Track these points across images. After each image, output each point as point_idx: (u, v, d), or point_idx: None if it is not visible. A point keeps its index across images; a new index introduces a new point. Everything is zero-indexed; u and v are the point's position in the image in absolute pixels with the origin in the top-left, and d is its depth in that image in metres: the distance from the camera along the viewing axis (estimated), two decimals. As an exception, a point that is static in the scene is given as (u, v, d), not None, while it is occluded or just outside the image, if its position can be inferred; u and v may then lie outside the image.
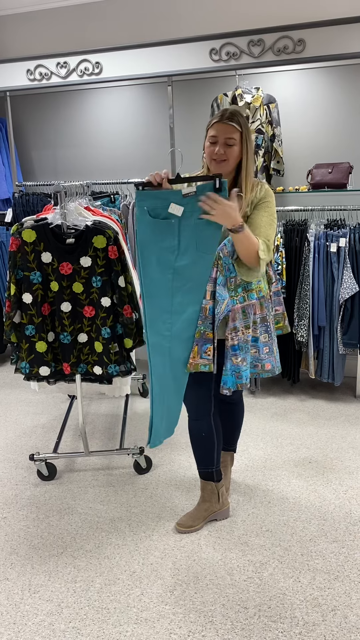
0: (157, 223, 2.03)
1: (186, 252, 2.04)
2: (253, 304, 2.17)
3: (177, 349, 2.12)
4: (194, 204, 1.98)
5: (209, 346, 2.14)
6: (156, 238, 2.04)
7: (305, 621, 1.87)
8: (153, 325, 2.12)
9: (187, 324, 2.09)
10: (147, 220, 2.03)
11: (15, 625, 1.90)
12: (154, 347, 2.13)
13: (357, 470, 2.78)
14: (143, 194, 2.01)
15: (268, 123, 3.56)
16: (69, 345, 2.57)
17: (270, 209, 2.13)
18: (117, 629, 1.87)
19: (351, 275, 3.36)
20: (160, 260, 2.06)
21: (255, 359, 2.24)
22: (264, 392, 3.79)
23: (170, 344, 2.12)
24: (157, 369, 2.15)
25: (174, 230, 2.03)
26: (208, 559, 2.19)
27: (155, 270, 2.07)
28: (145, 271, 2.08)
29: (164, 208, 2.00)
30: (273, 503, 2.53)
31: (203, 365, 2.14)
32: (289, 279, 3.57)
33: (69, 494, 2.67)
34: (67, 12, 4.12)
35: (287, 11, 3.58)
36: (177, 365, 2.15)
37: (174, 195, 1.99)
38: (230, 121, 2.03)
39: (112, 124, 4.30)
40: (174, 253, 2.05)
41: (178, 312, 2.09)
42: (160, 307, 2.10)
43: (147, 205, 2.01)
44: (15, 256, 2.49)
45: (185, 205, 1.99)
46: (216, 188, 1.94)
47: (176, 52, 3.53)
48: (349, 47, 3.21)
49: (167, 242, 2.04)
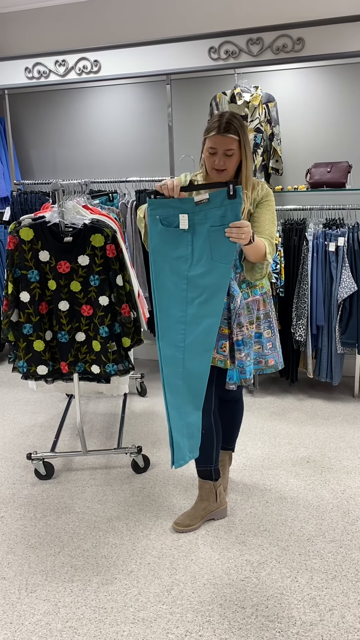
0: (170, 232, 1.97)
1: (200, 261, 1.97)
2: (257, 300, 2.22)
3: (193, 361, 2.03)
4: (207, 212, 1.92)
5: (225, 342, 2.16)
6: (169, 247, 1.99)
7: (302, 621, 1.87)
8: (166, 336, 2.04)
9: (204, 336, 2.00)
10: (159, 229, 1.98)
11: (12, 624, 1.90)
12: (167, 358, 2.05)
13: (355, 470, 2.78)
14: (155, 203, 1.96)
15: (267, 122, 3.55)
16: (66, 344, 2.56)
17: (272, 207, 2.19)
18: (114, 629, 1.86)
19: (349, 275, 3.36)
20: (174, 270, 1.99)
21: (259, 355, 2.28)
22: (262, 392, 3.79)
23: (184, 355, 2.03)
24: (170, 381, 2.06)
25: (187, 238, 1.97)
26: (206, 558, 2.18)
27: (169, 280, 2.00)
28: (158, 281, 2.01)
29: (176, 216, 1.95)
30: (271, 502, 2.53)
31: (220, 361, 2.17)
32: (288, 278, 3.56)
33: (67, 493, 2.66)
34: (66, 10, 4.11)
35: (286, 10, 3.57)
36: (194, 378, 2.05)
37: (186, 203, 1.94)
38: (228, 133, 2.03)
39: (111, 123, 4.29)
40: (188, 262, 1.98)
41: (193, 323, 2.01)
42: (173, 318, 2.02)
43: (159, 213, 1.97)
44: (12, 255, 2.48)
45: (198, 212, 1.94)
46: (230, 195, 1.88)
47: (175, 50, 3.52)
48: (347, 46, 3.21)
49: (180, 251, 1.98)
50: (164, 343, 2.05)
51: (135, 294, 2.60)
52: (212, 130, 2.05)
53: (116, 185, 4.06)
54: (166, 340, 2.04)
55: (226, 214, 1.91)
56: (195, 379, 2.05)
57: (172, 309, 2.02)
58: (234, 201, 1.89)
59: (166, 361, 2.06)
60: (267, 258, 2.07)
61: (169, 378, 2.07)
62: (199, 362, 2.03)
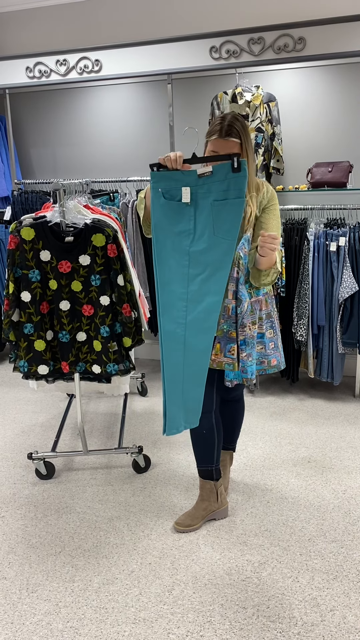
0: (172, 205, 1.93)
1: (202, 237, 1.92)
2: (260, 300, 2.22)
3: (195, 338, 1.99)
4: (210, 185, 1.88)
5: (233, 345, 2.14)
6: (171, 221, 1.94)
7: (304, 621, 1.86)
8: (167, 312, 2.00)
9: (206, 314, 1.96)
10: (161, 203, 1.93)
11: (12, 624, 1.90)
12: (168, 334, 2.01)
13: (356, 470, 2.77)
14: (157, 175, 1.91)
15: (268, 121, 3.55)
16: (67, 344, 2.56)
17: (277, 210, 2.18)
18: (115, 629, 1.86)
19: (351, 275, 3.35)
20: (175, 245, 1.95)
21: (262, 355, 2.27)
22: (263, 392, 3.78)
23: (186, 332, 1.99)
24: (169, 357, 2.02)
25: (190, 213, 1.92)
26: (207, 558, 2.18)
27: (171, 256, 1.96)
28: (160, 256, 1.97)
29: (178, 189, 1.90)
30: (272, 502, 2.53)
31: (227, 364, 2.16)
32: (289, 277, 3.56)
33: (67, 493, 2.66)
34: (67, 10, 4.11)
35: (288, 9, 3.57)
36: (196, 354, 2.01)
37: (189, 175, 1.88)
38: (229, 137, 2.02)
39: (112, 122, 4.29)
40: (190, 237, 1.94)
41: (195, 300, 1.97)
42: (175, 295, 1.98)
43: (162, 187, 1.92)
44: (13, 254, 2.48)
45: (201, 186, 1.88)
46: (234, 168, 1.83)
47: (176, 49, 3.52)
48: (349, 46, 3.20)
49: (182, 226, 1.94)
50: (165, 319, 2.01)
51: (136, 294, 2.60)
52: (214, 134, 2.04)
53: (117, 184, 4.05)
54: (167, 317, 2.01)
55: (229, 188, 1.87)
56: (196, 356, 2.01)
57: (173, 285, 1.99)
58: (238, 174, 1.84)
59: (167, 337, 2.02)
60: (277, 266, 2.07)
61: (168, 352, 2.03)
62: (200, 339, 2.00)
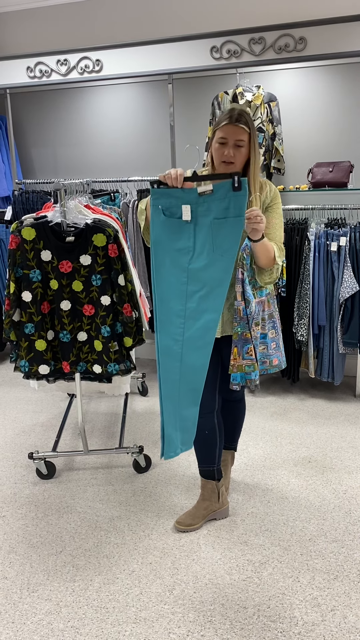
0: (172, 222, 1.93)
1: (202, 254, 1.92)
2: (263, 301, 2.22)
3: (192, 355, 1.99)
4: (210, 203, 1.88)
5: (250, 346, 2.14)
6: (170, 238, 1.95)
7: (304, 621, 1.87)
8: (164, 329, 2.00)
9: (203, 331, 1.96)
10: (161, 220, 1.94)
11: (13, 624, 1.90)
12: (165, 351, 2.00)
13: (356, 470, 2.77)
14: (158, 192, 1.92)
15: (269, 121, 3.55)
16: (68, 344, 2.56)
17: (280, 211, 2.18)
18: (116, 629, 1.86)
19: (351, 275, 3.35)
20: (175, 262, 1.95)
21: (264, 355, 2.27)
22: (264, 391, 3.79)
23: (182, 349, 1.99)
24: (166, 375, 2.02)
25: (190, 230, 1.92)
26: (207, 558, 2.18)
27: (170, 273, 1.96)
28: (158, 273, 1.97)
29: (178, 207, 1.91)
30: (272, 502, 2.53)
31: (247, 366, 2.15)
32: (289, 277, 3.56)
33: (68, 492, 2.66)
34: (68, 9, 4.11)
35: (289, 9, 3.57)
36: (192, 372, 2.00)
37: (189, 193, 1.89)
38: (239, 123, 2.02)
39: (112, 122, 4.29)
40: (189, 254, 1.94)
41: (192, 317, 1.97)
42: (173, 311, 1.98)
43: (162, 204, 1.92)
44: (14, 254, 2.48)
45: (202, 204, 1.89)
46: (235, 186, 1.84)
47: (177, 49, 3.52)
48: (350, 46, 3.20)
49: (182, 243, 1.94)
50: (162, 335, 2.01)
51: (137, 294, 2.60)
52: (224, 121, 2.04)
53: (118, 184, 4.05)
54: (164, 333, 2.01)
55: (230, 206, 1.87)
56: (193, 373, 2.01)
57: (171, 302, 1.99)
58: (238, 193, 1.85)
59: (163, 353, 2.02)
60: (277, 261, 2.08)
61: (165, 371, 2.03)
62: (197, 357, 1.99)
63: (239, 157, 2.05)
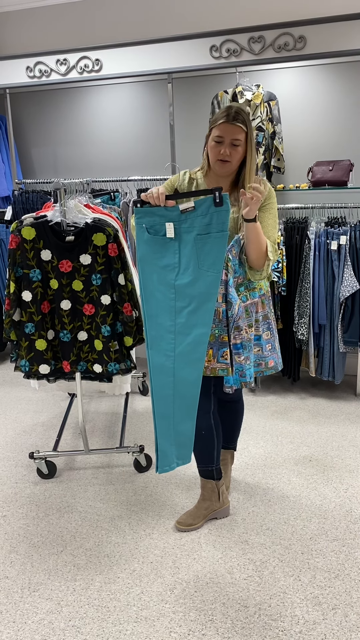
0: (157, 240, 1.96)
1: (187, 270, 1.95)
2: (255, 302, 2.19)
3: (184, 370, 2.00)
4: (193, 220, 1.91)
5: (225, 350, 2.12)
6: (155, 255, 1.97)
7: (305, 620, 1.87)
8: (155, 345, 2.01)
9: (194, 346, 1.97)
10: (145, 238, 1.97)
11: (14, 623, 1.90)
12: (157, 367, 2.02)
13: (357, 469, 2.77)
14: (141, 211, 1.95)
15: (268, 120, 3.55)
16: (68, 343, 2.56)
17: (275, 210, 2.16)
18: (117, 628, 1.86)
19: (352, 273, 3.35)
20: (161, 279, 1.98)
21: (259, 357, 2.25)
22: (264, 390, 3.78)
23: (175, 364, 2.00)
24: (159, 390, 2.03)
25: (174, 247, 1.95)
26: (208, 557, 2.18)
27: (157, 289, 1.99)
28: (146, 290, 2.00)
29: (162, 225, 1.94)
30: (273, 501, 2.53)
31: (221, 370, 2.14)
32: (290, 276, 3.56)
33: (69, 492, 2.66)
34: (67, 9, 4.10)
35: (288, 8, 3.56)
36: (185, 386, 2.01)
37: (172, 211, 1.92)
38: (236, 121, 2.01)
39: (112, 121, 4.29)
40: (175, 271, 1.96)
41: (183, 333, 1.98)
42: (163, 327, 2.00)
43: (146, 222, 1.95)
44: (14, 254, 2.48)
45: (184, 220, 1.92)
46: (216, 202, 1.86)
47: (176, 48, 3.52)
48: (349, 44, 3.20)
49: (167, 260, 1.97)
50: (154, 352, 2.02)
51: (137, 293, 2.60)
52: (221, 119, 2.02)
53: (118, 184, 4.05)
54: (156, 349, 2.02)
55: (212, 222, 1.89)
56: (186, 388, 2.02)
57: (161, 318, 2.00)
58: (220, 209, 1.87)
59: (155, 370, 2.03)
60: (269, 256, 2.06)
61: (157, 387, 2.04)
62: (190, 371, 2.00)
63: (235, 156, 2.05)
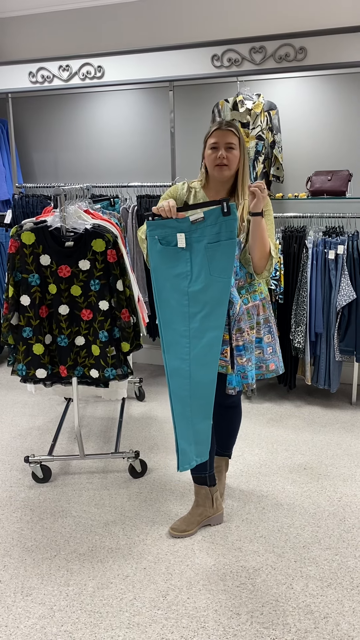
0: (169, 250, 2.06)
1: (199, 277, 2.05)
2: (256, 305, 2.25)
3: (200, 371, 2.11)
4: (203, 230, 2.02)
5: (225, 348, 2.19)
6: (168, 265, 2.08)
7: (297, 628, 1.87)
8: (171, 350, 2.12)
9: (208, 348, 2.08)
10: (158, 249, 2.07)
11: (7, 628, 1.90)
12: (174, 370, 2.13)
13: (351, 477, 2.78)
14: (153, 224, 2.05)
15: (268, 129, 3.58)
16: (66, 348, 2.57)
17: (271, 217, 2.23)
18: (109, 633, 1.86)
19: (349, 283, 3.37)
20: (175, 287, 2.08)
21: (260, 360, 2.29)
22: (260, 398, 3.79)
23: (190, 367, 2.11)
24: (176, 392, 2.14)
25: (186, 256, 2.06)
26: (201, 564, 2.19)
27: (171, 297, 2.09)
28: (160, 297, 2.11)
29: (174, 235, 2.05)
30: (267, 509, 2.53)
31: (220, 367, 2.19)
32: (287, 285, 3.58)
33: (64, 496, 2.67)
34: (70, 16, 4.13)
35: (289, 19, 3.60)
36: (201, 387, 2.12)
37: (182, 222, 2.03)
38: (229, 127, 2.13)
39: (113, 128, 4.31)
40: (187, 279, 2.07)
41: (197, 337, 2.09)
42: (178, 332, 2.11)
43: (158, 234, 2.06)
44: (13, 258, 2.49)
45: (195, 230, 2.02)
46: (224, 212, 1.97)
47: (178, 57, 3.54)
48: (350, 56, 3.23)
49: (180, 269, 2.07)
50: (170, 356, 2.13)
51: (135, 299, 2.61)
52: (213, 127, 2.15)
53: (118, 190, 4.07)
54: (172, 354, 2.13)
55: (221, 231, 2.00)
56: (203, 389, 2.13)
57: (175, 323, 2.11)
58: (228, 218, 1.98)
59: (172, 374, 2.13)
60: (272, 254, 2.15)
61: (175, 390, 2.14)
62: (205, 372, 2.11)
63: (232, 159, 2.13)
